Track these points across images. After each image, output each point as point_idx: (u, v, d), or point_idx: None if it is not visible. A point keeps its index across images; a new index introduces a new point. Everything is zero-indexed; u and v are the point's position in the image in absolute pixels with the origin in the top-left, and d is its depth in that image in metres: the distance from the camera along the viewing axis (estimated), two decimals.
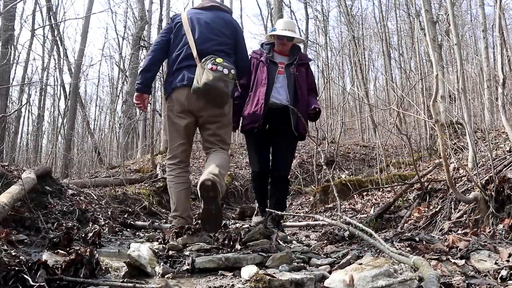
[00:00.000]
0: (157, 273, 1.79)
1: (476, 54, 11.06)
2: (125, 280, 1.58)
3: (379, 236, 2.02)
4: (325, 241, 2.76)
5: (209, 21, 2.80)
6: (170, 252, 2.15)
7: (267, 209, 3.13)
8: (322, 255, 2.24)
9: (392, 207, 3.44)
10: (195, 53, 2.67)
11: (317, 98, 3.50)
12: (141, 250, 1.87)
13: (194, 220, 2.81)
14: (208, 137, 2.77)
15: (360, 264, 1.58)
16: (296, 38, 3.36)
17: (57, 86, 15.07)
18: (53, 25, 12.77)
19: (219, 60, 2.58)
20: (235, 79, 2.68)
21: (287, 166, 3.34)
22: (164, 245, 2.31)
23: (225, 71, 2.55)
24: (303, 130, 3.22)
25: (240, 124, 3.37)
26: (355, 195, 4.74)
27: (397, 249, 1.65)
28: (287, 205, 5.64)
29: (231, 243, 2.30)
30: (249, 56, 3.25)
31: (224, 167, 2.58)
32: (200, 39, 2.72)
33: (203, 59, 2.60)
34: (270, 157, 3.33)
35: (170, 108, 2.77)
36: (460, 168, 3.27)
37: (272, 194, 3.30)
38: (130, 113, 12.68)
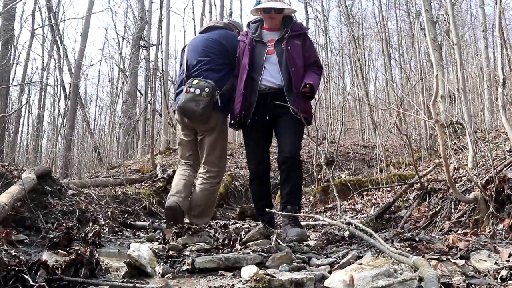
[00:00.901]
0: (157, 273, 1.79)
1: (476, 54, 11.05)
2: (125, 280, 1.58)
3: (379, 236, 2.02)
4: (325, 241, 2.76)
5: (198, 45, 3.09)
6: (170, 252, 2.15)
7: (279, 203, 2.76)
8: (322, 255, 2.23)
9: (392, 207, 3.44)
10: (184, 76, 3.06)
11: (321, 72, 2.96)
12: (141, 250, 1.87)
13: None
14: (202, 152, 3.07)
15: (360, 264, 1.58)
16: (286, 9, 2.89)
17: (57, 86, 15.09)
18: (53, 25, 12.77)
19: (195, 81, 2.89)
20: (212, 94, 2.87)
21: (294, 144, 2.80)
22: (164, 245, 2.32)
23: (197, 91, 2.83)
24: (303, 111, 2.78)
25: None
26: (355, 195, 4.73)
27: (397, 249, 1.65)
28: None
29: (231, 243, 2.30)
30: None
31: (202, 202, 3.04)
32: (191, 64, 3.04)
33: (189, 82, 2.93)
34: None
35: (179, 127, 3.19)
36: (460, 168, 3.27)
37: (283, 181, 2.80)
38: (130, 113, 12.69)
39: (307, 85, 2.71)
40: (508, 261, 1.56)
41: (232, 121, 2.96)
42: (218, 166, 3.06)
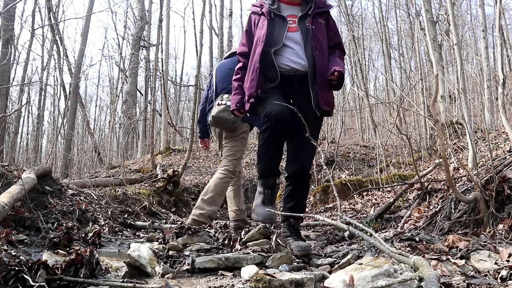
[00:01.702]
0: (157, 273, 1.79)
1: (476, 54, 11.05)
2: (125, 280, 1.58)
3: (379, 236, 2.02)
4: (325, 241, 2.76)
5: (224, 68, 3.54)
6: (170, 252, 2.15)
7: (281, 214, 2.34)
8: (322, 255, 2.23)
9: (392, 207, 3.44)
10: (214, 95, 3.48)
11: (344, 57, 2.64)
12: (141, 250, 1.87)
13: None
14: (227, 151, 3.50)
15: (360, 264, 1.58)
16: None
17: (57, 86, 15.08)
18: (53, 25, 12.77)
19: (225, 96, 3.30)
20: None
21: (311, 157, 2.52)
22: (164, 245, 2.32)
23: (228, 103, 3.13)
24: (326, 104, 2.38)
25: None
26: (355, 195, 4.74)
27: (397, 249, 1.65)
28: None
29: (231, 243, 2.30)
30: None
31: (213, 195, 3.34)
32: (219, 84, 3.49)
33: (218, 99, 3.37)
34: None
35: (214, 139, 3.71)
36: (460, 168, 3.27)
37: (289, 194, 2.47)
38: (130, 113, 12.69)
39: (336, 72, 2.30)
40: (508, 261, 1.56)
41: (238, 104, 2.46)
42: (234, 165, 3.47)
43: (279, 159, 2.39)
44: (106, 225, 3.10)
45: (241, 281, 1.64)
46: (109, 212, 3.50)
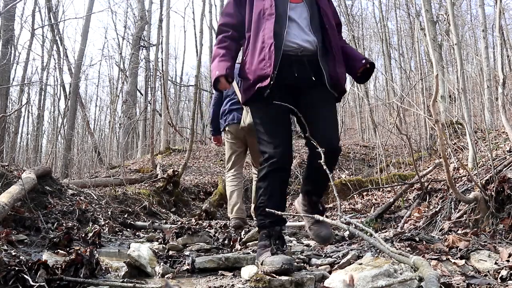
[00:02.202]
0: (157, 273, 1.79)
1: (476, 54, 11.05)
2: (125, 280, 1.58)
3: (379, 236, 2.02)
4: None
5: None
6: (170, 252, 2.15)
7: (282, 214, 1.83)
8: (322, 255, 2.23)
9: (392, 207, 3.44)
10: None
11: None
12: (141, 250, 1.87)
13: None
14: (251, 150, 3.83)
15: (360, 264, 1.58)
16: None
17: (57, 86, 15.08)
18: (53, 25, 12.77)
19: None
20: None
21: (337, 131, 2.14)
22: (164, 245, 2.32)
23: None
24: (343, 82, 2.09)
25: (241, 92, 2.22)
26: (355, 195, 4.74)
27: (397, 249, 1.65)
28: (287, 205, 5.64)
29: (231, 243, 2.30)
30: None
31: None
32: None
33: None
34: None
35: (226, 136, 3.82)
36: (460, 168, 3.27)
37: (314, 180, 2.10)
38: (130, 113, 12.69)
39: (368, 64, 2.07)
40: (508, 261, 1.56)
41: (228, 70, 2.02)
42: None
43: (285, 201, 2.08)
44: (106, 225, 3.10)
45: (241, 281, 1.64)
46: (109, 212, 3.50)
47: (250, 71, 2.02)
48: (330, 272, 1.75)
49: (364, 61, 2.07)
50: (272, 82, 1.93)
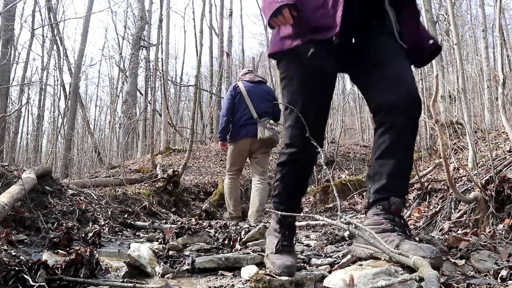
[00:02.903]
0: (157, 273, 1.79)
1: (476, 54, 11.06)
2: (125, 280, 1.58)
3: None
4: (325, 241, 2.75)
5: (260, 93, 4.31)
6: (170, 252, 2.15)
7: (281, 214, 1.69)
8: (322, 255, 2.23)
9: None
10: (255, 115, 4.17)
11: None
12: (141, 250, 1.87)
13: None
14: (256, 163, 4.37)
15: (361, 265, 1.58)
16: None
17: (57, 86, 15.09)
18: (53, 24, 12.77)
19: (271, 121, 4.18)
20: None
21: (413, 77, 1.58)
22: (164, 245, 2.32)
23: (276, 129, 4.21)
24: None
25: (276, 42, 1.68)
26: (355, 195, 4.74)
27: (397, 249, 1.65)
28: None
29: (231, 243, 2.30)
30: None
31: (263, 202, 4.21)
32: (256, 106, 4.20)
33: (262, 119, 4.16)
34: None
35: (236, 147, 4.29)
36: (460, 168, 3.27)
37: (388, 147, 1.49)
38: (130, 113, 12.69)
39: (434, 47, 1.65)
40: (508, 261, 1.56)
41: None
42: (267, 173, 4.43)
43: (305, 191, 1.86)
44: (106, 225, 3.10)
45: (241, 281, 1.64)
46: (109, 212, 3.50)
47: (321, 16, 1.53)
48: (330, 272, 1.74)
49: (431, 41, 1.64)
50: (338, 34, 1.47)
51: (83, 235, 2.45)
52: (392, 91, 1.44)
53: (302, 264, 1.99)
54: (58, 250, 2.00)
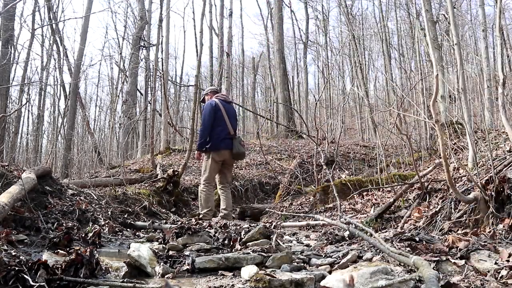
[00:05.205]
0: (157, 273, 1.79)
1: (476, 54, 11.05)
2: (125, 280, 1.58)
3: (379, 236, 2.02)
4: (325, 241, 2.75)
5: (231, 112, 4.88)
6: (170, 252, 2.15)
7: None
8: (322, 255, 2.23)
9: (392, 207, 3.43)
10: (231, 131, 4.71)
11: None
12: (141, 250, 1.87)
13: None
14: (227, 173, 4.93)
15: (355, 267, 1.58)
16: None
17: (57, 86, 15.08)
18: (53, 24, 12.77)
19: (239, 138, 4.82)
20: None
21: None
22: (164, 245, 2.32)
23: (242, 144, 4.85)
24: None
25: None
26: (355, 195, 4.73)
27: (397, 249, 1.65)
28: (287, 205, 5.64)
29: (231, 243, 2.30)
30: None
31: (231, 204, 4.81)
32: (231, 123, 4.73)
33: (236, 136, 4.76)
34: None
35: (214, 157, 4.66)
36: (460, 168, 3.27)
37: None
38: (130, 113, 12.68)
39: None
40: (508, 261, 1.56)
41: None
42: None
43: None
44: (106, 225, 3.09)
45: (241, 281, 1.64)
46: (109, 212, 3.49)
47: None
48: (330, 272, 1.75)
49: None
50: None
51: (83, 235, 2.44)
52: None
53: (302, 264, 1.99)
54: (58, 250, 2.00)
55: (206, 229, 2.63)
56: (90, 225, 2.90)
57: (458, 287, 1.34)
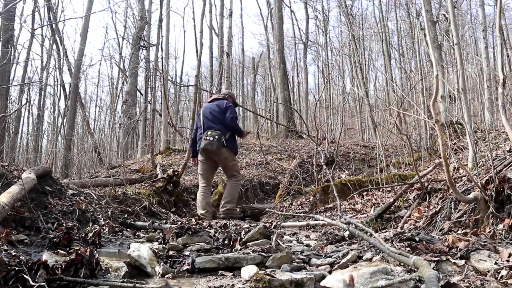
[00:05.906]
0: (157, 273, 1.79)
1: (476, 54, 11.06)
2: (125, 280, 1.58)
3: (379, 236, 2.02)
4: (325, 241, 2.75)
5: (209, 110, 4.87)
6: (170, 252, 2.15)
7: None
8: (322, 255, 2.23)
9: (392, 207, 3.43)
10: (204, 129, 4.81)
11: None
12: (141, 250, 1.87)
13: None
14: (223, 168, 5.10)
15: (355, 267, 1.58)
16: None
17: (57, 86, 15.09)
18: (53, 24, 12.77)
19: (209, 132, 4.71)
20: (222, 137, 4.71)
21: None
22: (164, 245, 2.32)
23: (210, 138, 4.67)
24: None
25: None
26: (355, 195, 4.73)
27: (397, 249, 1.65)
28: (287, 205, 5.64)
29: (231, 243, 2.30)
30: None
31: (231, 193, 4.91)
32: (205, 122, 4.82)
33: (209, 132, 4.72)
34: None
35: (198, 158, 4.94)
36: (460, 168, 3.27)
37: None
38: (130, 113, 12.69)
39: None
40: (508, 261, 1.56)
41: None
42: (237, 171, 5.06)
43: None
44: (106, 225, 3.09)
45: (241, 281, 1.64)
46: (109, 212, 3.50)
47: None
48: (330, 272, 1.75)
49: None
50: None
51: (83, 235, 2.44)
52: None
53: (302, 264, 1.99)
54: (58, 250, 2.00)
55: (206, 229, 2.63)
56: (90, 225, 2.90)
57: (458, 287, 1.34)
